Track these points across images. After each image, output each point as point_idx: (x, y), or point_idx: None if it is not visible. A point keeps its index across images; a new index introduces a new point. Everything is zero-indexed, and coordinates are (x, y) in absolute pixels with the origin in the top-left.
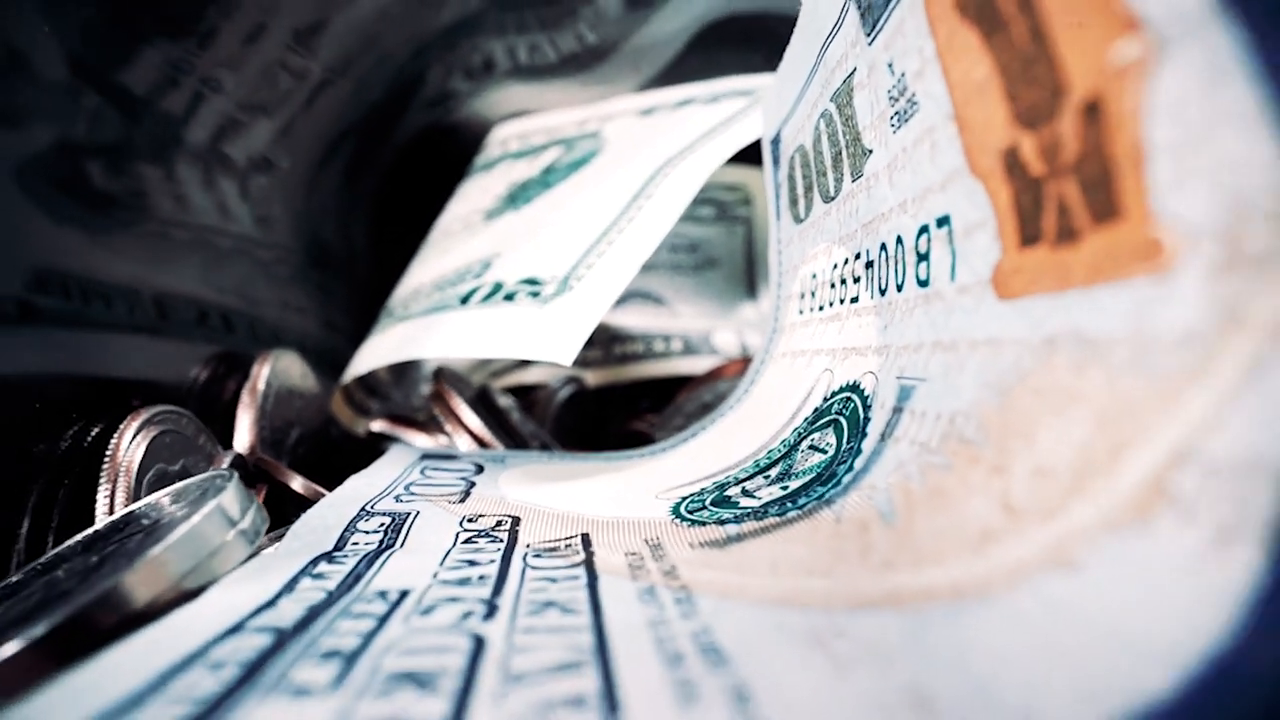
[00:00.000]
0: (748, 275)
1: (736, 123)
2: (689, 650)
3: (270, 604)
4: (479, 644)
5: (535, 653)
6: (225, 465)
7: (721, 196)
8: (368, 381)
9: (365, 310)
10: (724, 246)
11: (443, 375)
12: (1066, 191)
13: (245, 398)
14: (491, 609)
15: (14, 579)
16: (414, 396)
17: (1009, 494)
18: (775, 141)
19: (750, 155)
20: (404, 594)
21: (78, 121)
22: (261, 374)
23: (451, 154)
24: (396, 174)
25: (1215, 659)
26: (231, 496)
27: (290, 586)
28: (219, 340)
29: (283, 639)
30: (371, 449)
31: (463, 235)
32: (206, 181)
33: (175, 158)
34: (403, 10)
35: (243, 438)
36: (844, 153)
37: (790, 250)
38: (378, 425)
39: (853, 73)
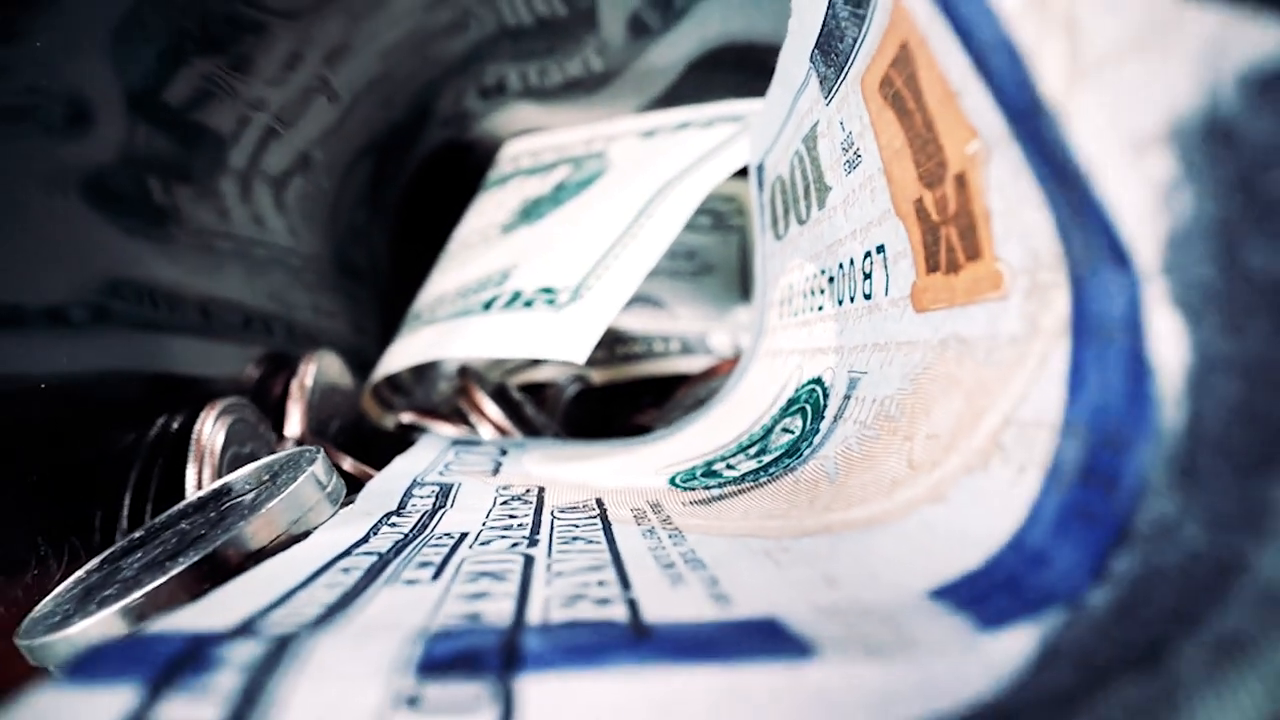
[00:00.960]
0: (741, 280)
1: (728, 149)
2: (678, 560)
3: (364, 540)
4: (528, 559)
5: (569, 561)
6: (289, 448)
7: (718, 207)
8: (393, 380)
9: (387, 314)
10: (720, 254)
11: (467, 373)
12: (950, 235)
13: (295, 392)
14: (533, 542)
15: (138, 535)
16: (433, 393)
17: (912, 454)
18: (760, 168)
19: (745, 168)
20: (463, 535)
21: (138, 142)
22: (309, 371)
23: (466, 168)
24: (415, 187)
25: (1011, 543)
26: (320, 467)
27: (375, 530)
28: (261, 342)
29: (384, 557)
30: (400, 439)
31: (481, 247)
32: (245, 196)
33: (221, 174)
34: (422, 38)
35: (294, 426)
36: (811, 186)
37: (772, 263)
38: (407, 417)
39: (817, 123)
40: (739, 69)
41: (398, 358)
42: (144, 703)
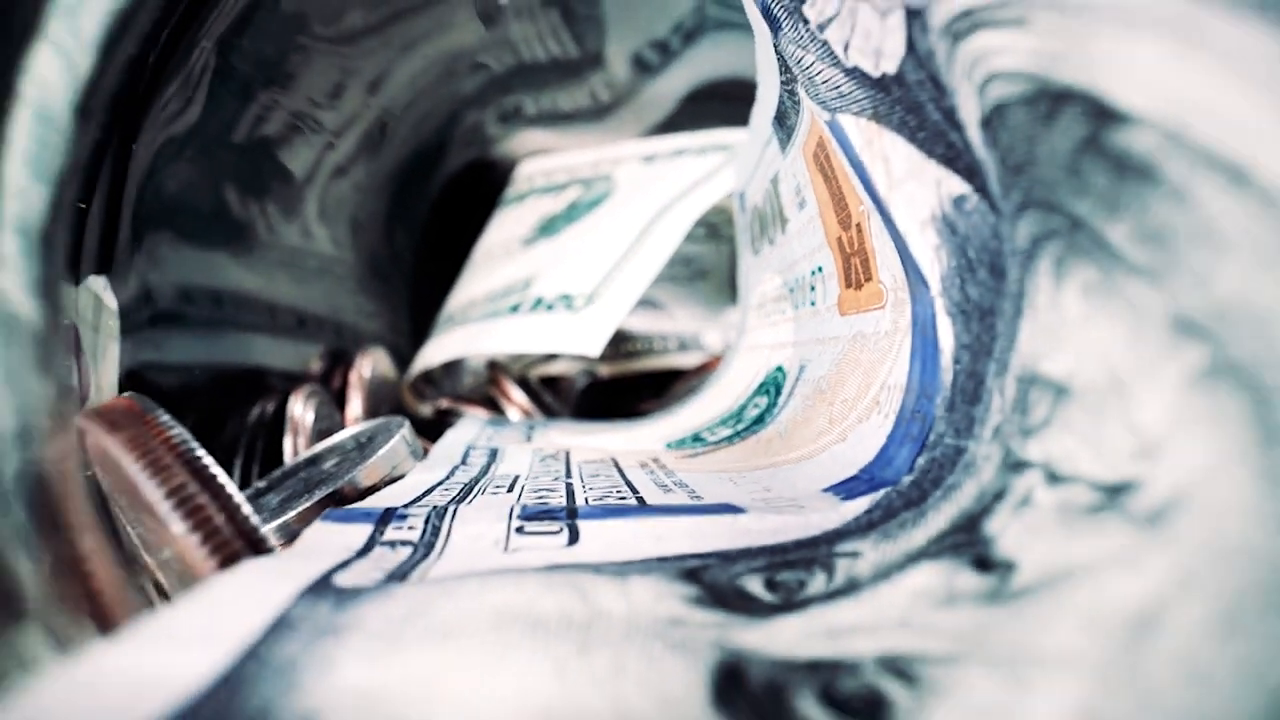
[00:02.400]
0: (732, 285)
1: (716, 177)
2: (669, 482)
3: (447, 478)
4: (569, 484)
5: (596, 486)
6: (357, 426)
7: (712, 219)
8: (426, 374)
9: (418, 316)
10: (713, 261)
11: (497, 366)
12: (856, 263)
13: (354, 381)
14: (569, 476)
15: (262, 484)
16: (459, 385)
17: (831, 414)
18: (742, 196)
19: None
20: (516, 477)
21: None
22: (365, 364)
23: (485, 185)
24: (440, 202)
25: (874, 459)
26: (407, 431)
27: (450, 474)
28: (314, 339)
29: (467, 485)
30: (435, 425)
31: (504, 258)
32: (296, 209)
33: (277, 189)
34: (446, 70)
35: (356, 409)
36: (778, 216)
37: (751, 274)
38: (444, 404)
39: (778, 171)
40: (727, 100)
41: (436, 353)
42: (375, 529)
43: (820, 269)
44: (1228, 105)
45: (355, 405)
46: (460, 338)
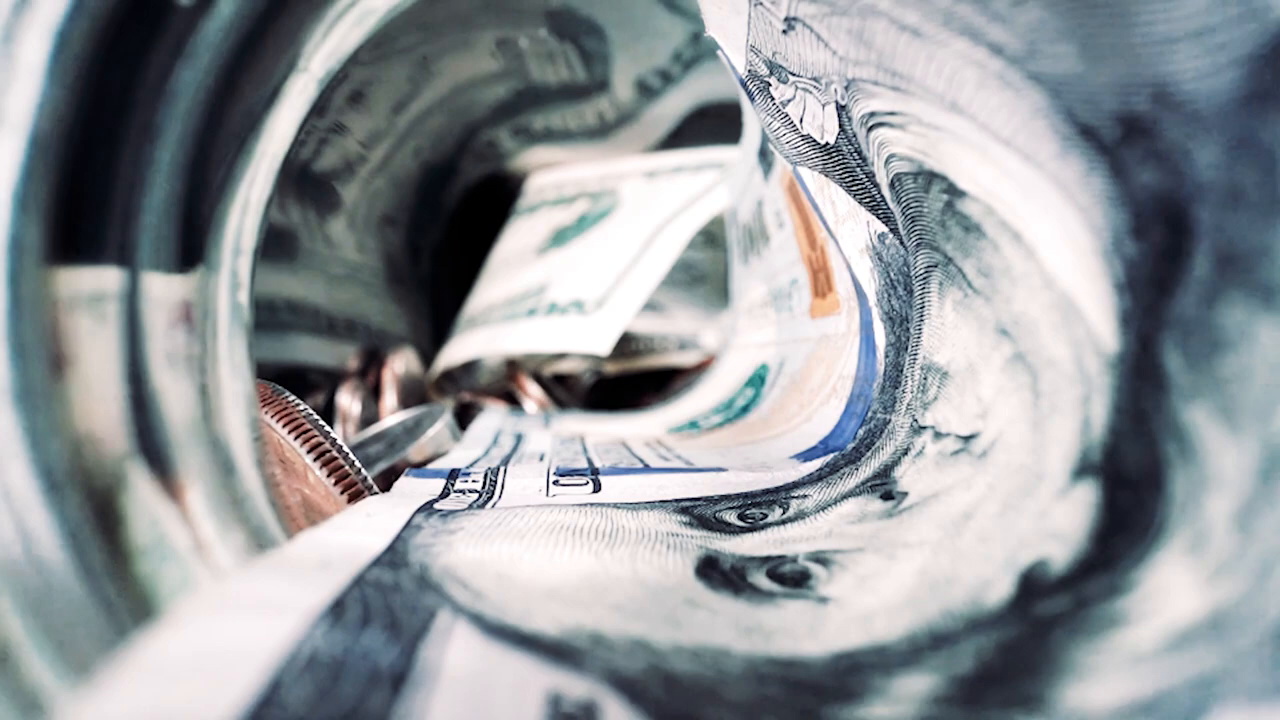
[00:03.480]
0: (728, 289)
1: (711, 194)
2: (668, 455)
3: (485, 454)
4: (588, 458)
5: (609, 456)
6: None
7: (710, 228)
8: (449, 370)
9: (437, 318)
10: (710, 267)
11: (515, 364)
12: (821, 277)
13: (388, 377)
14: (586, 454)
15: None
16: (476, 382)
17: (801, 399)
18: (733, 213)
19: None
20: (543, 453)
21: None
22: (398, 362)
23: (498, 196)
24: (457, 212)
25: (830, 431)
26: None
27: (486, 452)
28: (346, 339)
29: (504, 459)
30: (459, 416)
31: (519, 265)
32: (331, 217)
33: (311, 202)
34: (464, 94)
35: (391, 403)
36: (762, 233)
37: (741, 282)
38: (466, 397)
39: (763, 196)
40: (720, 120)
41: (459, 351)
42: (448, 482)
43: (795, 280)
44: (1010, 194)
45: (390, 398)
46: (482, 338)
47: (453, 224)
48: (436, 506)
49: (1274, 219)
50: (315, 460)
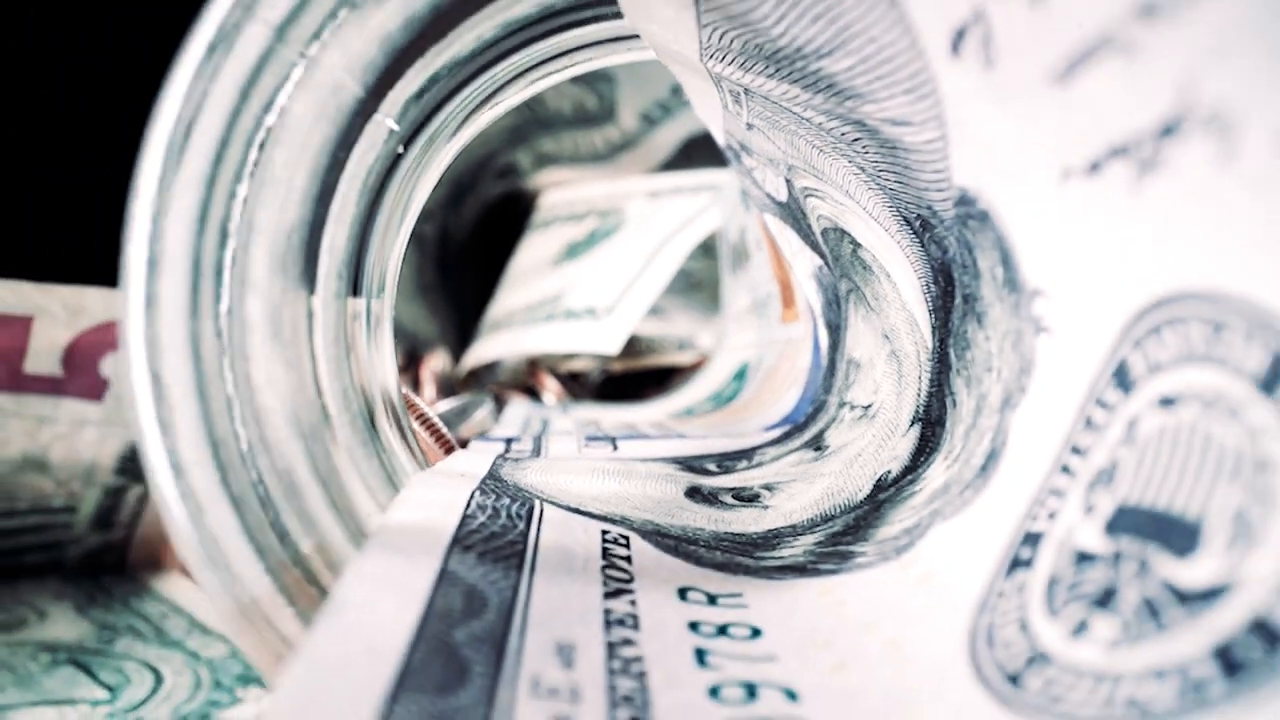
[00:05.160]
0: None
1: (706, 214)
2: (665, 432)
3: (517, 438)
4: (606, 432)
5: (621, 432)
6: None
7: (707, 240)
8: (473, 368)
9: (461, 321)
10: (706, 274)
11: (535, 362)
12: (787, 292)
13: (426, 375)
14: (603, 429)
15: None
16: (497, 378)
17: (773, 388)
18: (724, 232)
19: None
20: (569, 430)
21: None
22: (435, 360)
23: (514, 212)
24: (477, 226)
25: (793, 409)
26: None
27: (524, 430)
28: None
29: (537, 437)
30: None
31: (536, 276)
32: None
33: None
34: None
35: (430, 394)
36: (745, 252)
37: (729, 293)
38: (495, 389)
39: (747, 221)
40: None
41: (485, 351)
42: (506, 446)
43: (770, 293)
44: (881, 249)
45: (429, 390)
46: (505, 339)
47: (474, 237)
48: (505, 457)
49: (981, 276)
50: (420, 425)
